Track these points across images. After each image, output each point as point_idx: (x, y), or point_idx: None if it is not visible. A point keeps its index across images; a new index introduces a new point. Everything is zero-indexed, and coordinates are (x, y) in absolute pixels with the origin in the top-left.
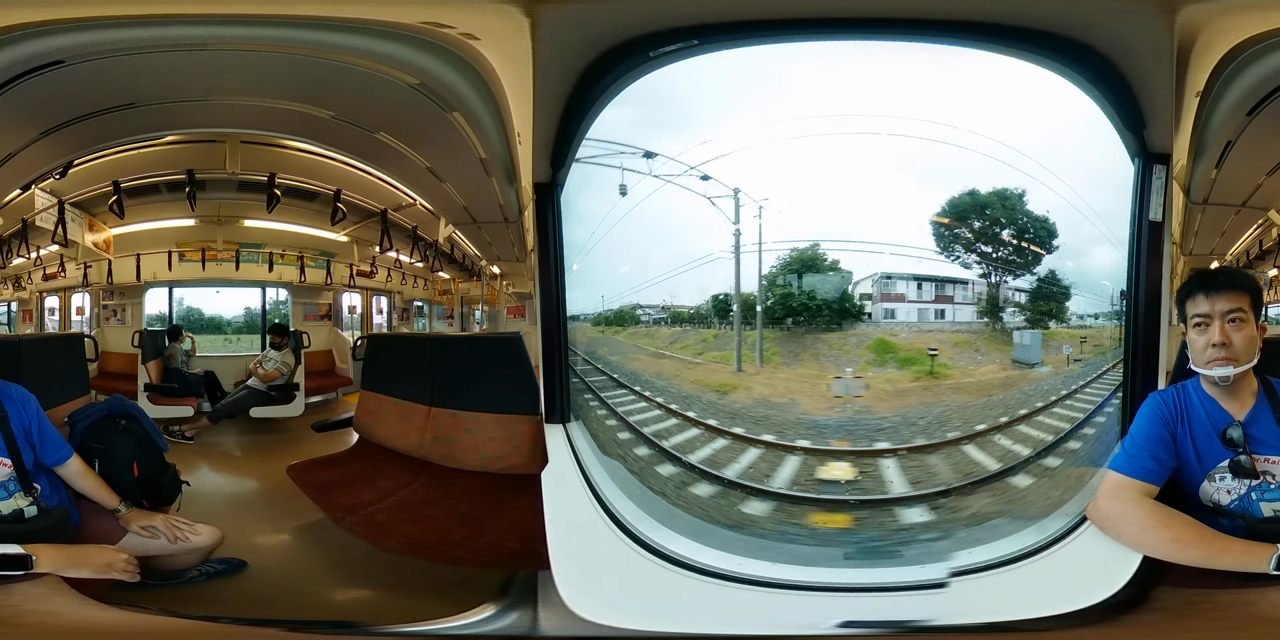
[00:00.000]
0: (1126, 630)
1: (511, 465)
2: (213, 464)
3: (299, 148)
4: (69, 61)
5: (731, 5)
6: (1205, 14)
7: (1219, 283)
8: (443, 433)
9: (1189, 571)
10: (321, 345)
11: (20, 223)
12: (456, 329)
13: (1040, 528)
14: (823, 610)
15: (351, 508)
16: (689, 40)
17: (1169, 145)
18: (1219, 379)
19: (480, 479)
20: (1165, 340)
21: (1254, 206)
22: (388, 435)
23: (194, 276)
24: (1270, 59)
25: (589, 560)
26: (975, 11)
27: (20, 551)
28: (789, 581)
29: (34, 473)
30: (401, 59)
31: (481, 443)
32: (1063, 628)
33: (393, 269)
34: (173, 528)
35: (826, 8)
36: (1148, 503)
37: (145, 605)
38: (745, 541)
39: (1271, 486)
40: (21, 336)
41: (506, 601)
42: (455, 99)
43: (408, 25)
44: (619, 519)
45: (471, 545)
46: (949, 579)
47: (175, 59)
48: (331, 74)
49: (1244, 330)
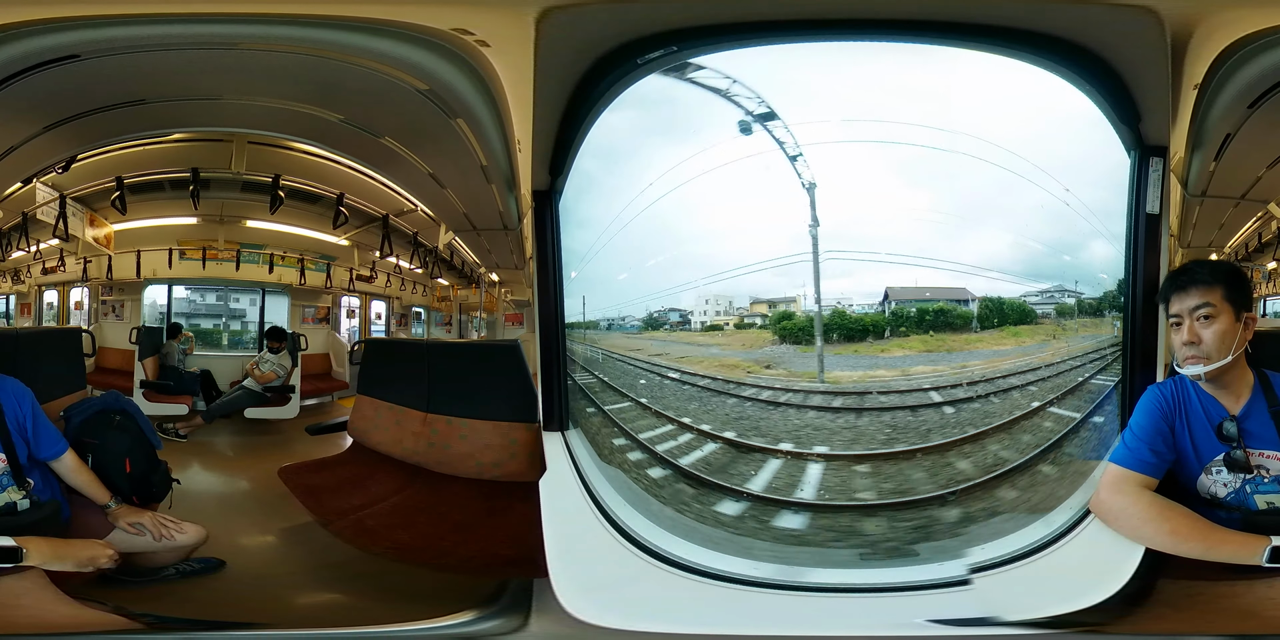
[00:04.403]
0: (1142, 622)
1: (508, 473)
2: (204, 463)
3: (305, 150)
4: (85, 56)
5: (714, 10)
6: (1200, 8)
7: (1183, 280)
8: (438, 439)
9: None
10: (319, 348)
11: (21, 216)
12: (455, 335)
13: (1047, 521)
14: (842, 612)
15: (341, 512)
16: (703, 40)
17: (1166, 138)
18: (1191, 377)
19: (475, 486)
20: (1163, 332)
21: (1253, 199)
22: (382, 440)
23: (194, 275)
24: (1276, 52)
25: (588, 564)
26: (961, 13)
27: (11, 544)
28: (810, 584)
29: (28, 467)
30: (414, 63)
31: (478, 450)
32: (1080, 623)
33: (392, 274)
34: (159, 525)
35: (828, 8)
36: (1147, 496)
37: (114, 601)
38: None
39: (1266, 480)
40: (19, 330)
41: (497, 607)
42: (460, 105)
43: (428, 28)
44: (620, 525)
45: (463, 552)
46: (971, 576)
47: (191, 57)
48: (343, 77)
49: (1214, 326)
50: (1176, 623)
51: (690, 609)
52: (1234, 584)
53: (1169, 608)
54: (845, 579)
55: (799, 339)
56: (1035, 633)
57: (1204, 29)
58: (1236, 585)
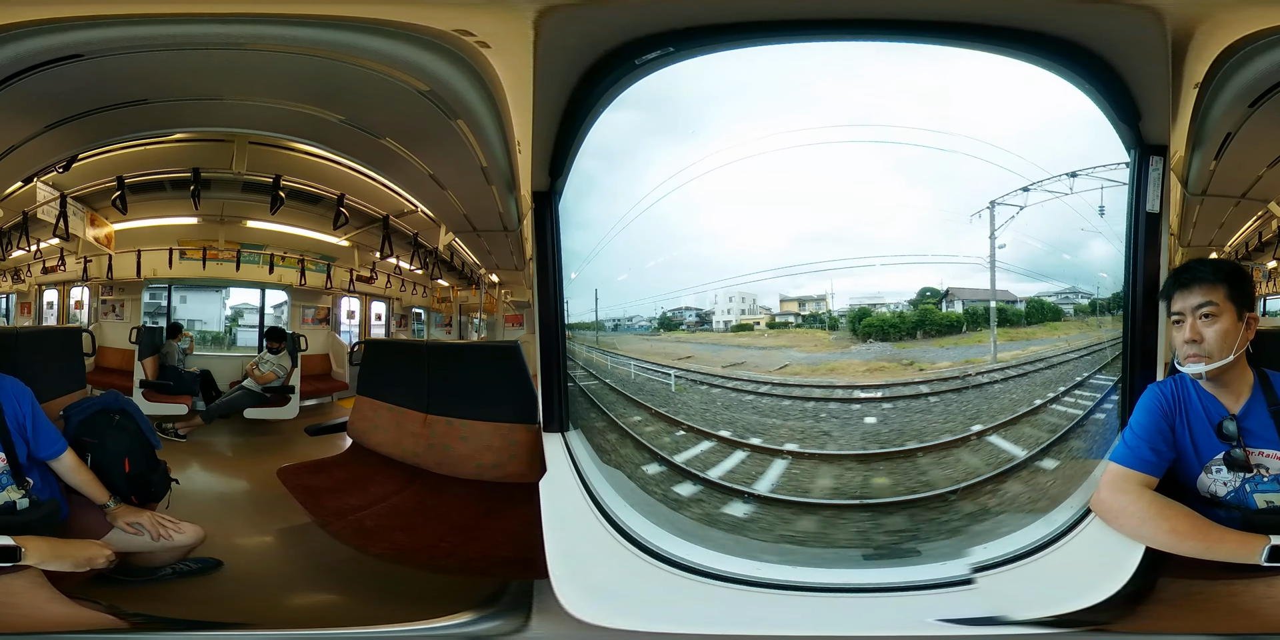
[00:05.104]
0: (1142, 621)
1: (508, 474)
2: (203, 463)
3: (306, 151)
4: (87, 56)
5: (713, 10)
6: (1201, 8)
7: (1187, 278)
8: (438, 440)
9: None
10: (319, 349)
11: (21, 215)
12: (455, 337)
13: (1047, 520)
14: (844, 612)
15: (340, 512)
16: (702, 41)
17: (1166, 137)
18: (1192, 376)
19: (475, 487)
20: (1164, 331)
21: (1254, 198)
22: (382, 441)
23: (194, 275)
24: (1277, 52)
25: (588, 565)
26: (961, 13)
27: (9, 543)
28: (811, 584)
29: (27, 466)
30: (415, 64)
31: (478, 451)
32: (1082, 622)
33: (392, 275)
34: (158, 525)
35: (828, 8)
36: (1147, 494)
37: (110, 601)
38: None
39: (1265, 479)
40: (19, 329)
41: (497, 607)
42: (461, 106)
43: (429, 29)
44: (620, 525)
45: (463, 553)
46: (974, 576)
47: (193, 57)
48: (345, 78)
49: (1216, 325)
50: (1176, 621)
51: (690, 609)
52: (1233, 583)
53: (1169, 606)
54: (847, 579)
55: (886, 336)
56: (1039, 632)
57: (1205, 28)
58: (1235, 584)
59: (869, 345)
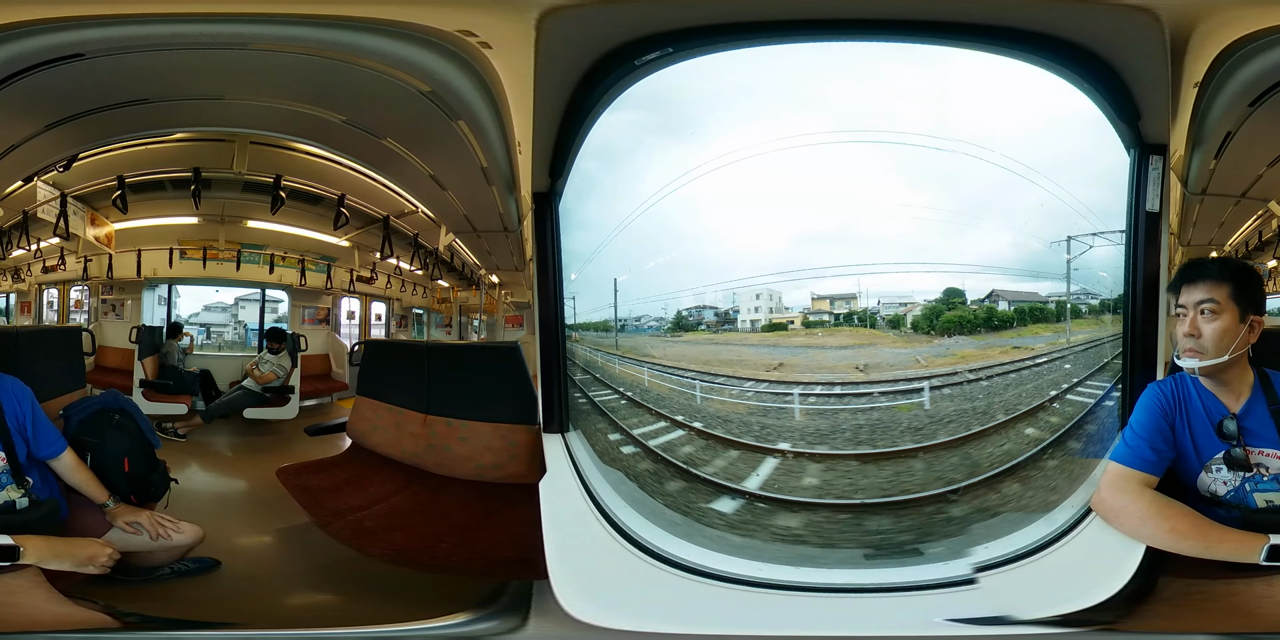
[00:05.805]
0: (1143, 620)
1: (508, 475)
2: (203, 463)
3: (307, 151)
4: (88, 55)
5: (713, 11)
6: (1200, 7)
7: (1193, 273)
8: (438, 441)
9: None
10: (319, 349)
11: (21, 214)
12: (455, 337)
13: (1049, 519)
14: (846, 612)
15: (339, 513)
16: (702, 41)
17: (1166, 136)
18: (1185, 371)
19: (475, 488)
20: (1164, 330)
21: (1254, 197)
22: (381, 441)
23: (194, 275)
24: (1277, 51)
25: (587, 565)
26: (961, 13)
27: (9, 542)
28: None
29: (27, 465)
30: (417, 65)
31: (478, 451)
32: (1084, 621)
33: (392, 276)
34: (156, 525)
35: (828, 8)
36: (1148, 494)
37: (108, 600)
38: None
39: (1265, 478)
40: (19, 328)
41: (496, 607)
42: (462, 107)
43: (431, 29)
44: (620, 526)
45: (462, 553)
46: (977, 575)
47: (194, 57)
48: (346, 78)
49: (1216, 322)
50: (1177, 621)
51: (690, 609)
52: (1233, 582)
53: (1170, 605)
54: (848, 579)
55: (967, 330)
56: (1041, 631)
57: (1204, 28)
58: (1235, 583)
59: (953, 339)
